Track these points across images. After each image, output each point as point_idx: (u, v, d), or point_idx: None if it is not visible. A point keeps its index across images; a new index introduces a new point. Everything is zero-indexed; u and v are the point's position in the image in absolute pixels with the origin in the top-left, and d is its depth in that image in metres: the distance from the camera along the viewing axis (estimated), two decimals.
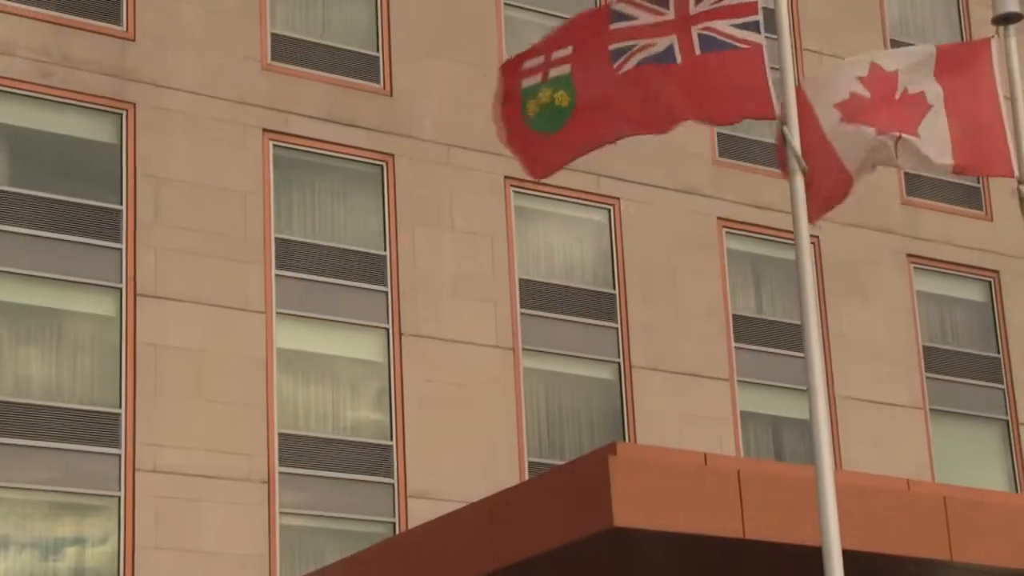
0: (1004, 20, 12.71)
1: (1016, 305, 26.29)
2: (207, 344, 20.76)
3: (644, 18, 11.60)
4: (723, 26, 11.45)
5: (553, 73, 11.77)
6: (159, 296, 20.67)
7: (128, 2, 21.49)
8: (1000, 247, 26.45)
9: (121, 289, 20.58)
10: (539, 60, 11.86)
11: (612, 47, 11.59)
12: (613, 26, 11.60)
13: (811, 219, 11.51)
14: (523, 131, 12.05)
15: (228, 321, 20.95)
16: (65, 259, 20.38)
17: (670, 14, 11.53)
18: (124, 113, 21.10)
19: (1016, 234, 13.49)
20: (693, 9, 11.51)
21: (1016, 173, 12.17)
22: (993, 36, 12.47)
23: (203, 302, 20.89)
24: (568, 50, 11.72)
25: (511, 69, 12.22)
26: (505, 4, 23.98)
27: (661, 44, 11.52)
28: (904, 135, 11.76)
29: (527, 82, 11.87)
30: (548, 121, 11.87)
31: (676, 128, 11.62)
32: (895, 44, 26.97)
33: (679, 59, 11.46)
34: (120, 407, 20.18)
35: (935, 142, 11.85)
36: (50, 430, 19.84)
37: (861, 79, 11.89)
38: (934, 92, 11.86)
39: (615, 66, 11.56)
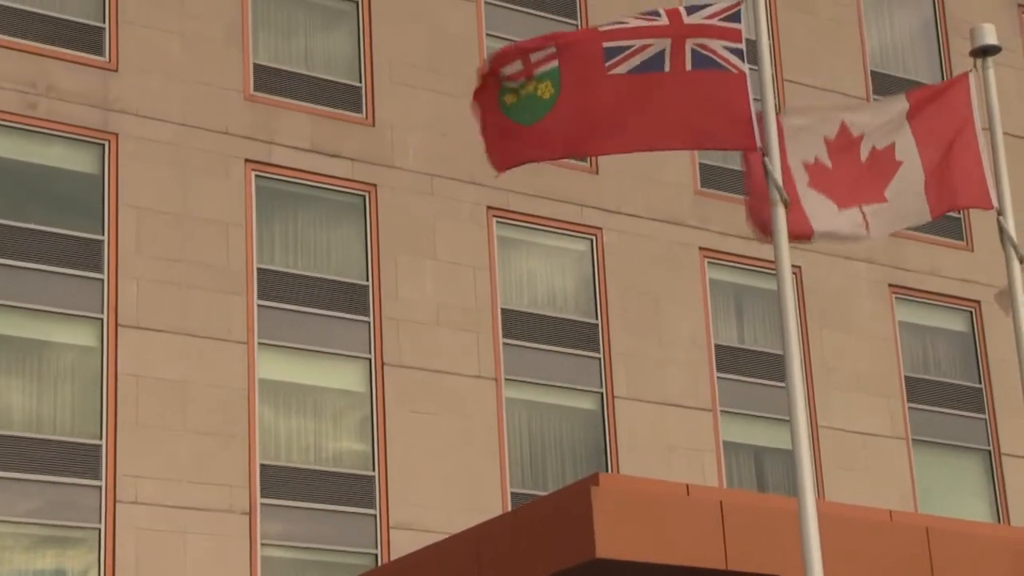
0: (982, 52, 12.81)
1: (998, 335, 26.38)
2: (189, 375, 20.76)
3: (636, 22, 11.59)
4: (715, 45, 11.47)
5: (539, 70, 11.51)
6: (141, 327, 20.67)
7: (111, 33, 21.55)
8: (981, 277, 26.56)
9: (102, 320, 20.58)
10: (517, 66, 11.61)
11: (607, 44, 11.51)
12: (604, 28, 11.55)
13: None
14: (497, 119, 11.81)
15: (210, 352, 20.96)
16: (47, 290, 20.38)
17: (663, 20, 11.53)
18: (107, 144, 21.14)
19: (997, 264, 13.56)
20: (686, 20, 11.51)
21: (995, 204, 12.26)
22: (971, 69, 12.57)
23: (185, 333, 20.89)
24: (551, 49, 11.51)
25: (493, 63, 11.90)
26: (488, 34, 24.08)
27: (656, 47, 11.47)
28: (867, 205, 11.81)
29: (509, 84, 11.61)
30: (525, 112, 11.58)
31: (658, 153, 11.63)
32: (875, 75, 27.12)
33: (667, 68, 11.43)
34: (101, 438, 20.16)
35: (908, 198, 11.92)
36: (31, 462, 19.81)
37: (827, 142, 11.94)
38: (905, 144, 11.92)
39: (607, 64, 11.47)
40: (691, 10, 11.51)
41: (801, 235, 11.80)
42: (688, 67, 11.30)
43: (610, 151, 11.71)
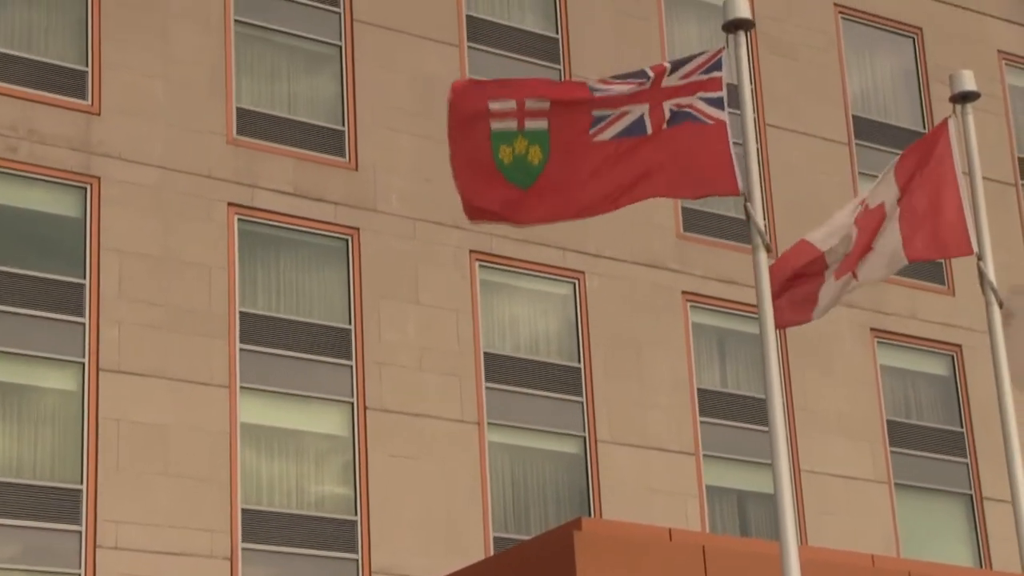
0: (962, 98, 12.93)
1: (979, 379, 26.45)
2: (170, 419, 20.73)
3: (620, 88, 11.73)
4: (694, 100, 11.60)
5: (530, 125, 11.63)
6: (122, 371, 20.64)
7: (94, 77, 21.59)
8: (962, 321, 26.65)
9: (84, 364, 20.55)
10: (511, 104, 11.67)
11: (596, 112, 11.66)
12: (595, 93, 11.68)
13: (778, 324, 11.73)
14: (490, 173, 11.86)
15: (192, 396, 20.93)
16: (28, 334, 20.35)
17: (647, 84, 11.67)
18: (89, 187, 21.16)
19: (978, 309, 13.64)
20: (665, 82, 11.66)
21: (975, 249, 12.35)
22: (951, 116, 12.68)
23: (167, 376, 20.86)
24: (545, 104, 11.62)
25: (475, 92, 11.91)
26: (471, 78, 24.14)
27: (635, 113, 11.64)
28: (858, 263, 12.06)
29: (499, 124, 11.60)
30: (521, 175, 11.72)
31: (641, 202, 11.72)
32: (856, 120, 27.26)
33: (649, 131, 11.58)
34: (82, 483, 20.10)
35: (889, 247, 12.10)
36: (11, 507, 19.74)
37: (856, 223, 12.22)
38: (892, 199, 12.12)
39: (591, 132, 11.62)
40: (676, 65, 11.64)
41: (801, 321, 12.06)
42: (666, 126, 11.47)
43: (595, 213, 11.84)
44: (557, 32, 25.04)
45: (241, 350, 21.49)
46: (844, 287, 12.18)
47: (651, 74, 11.64)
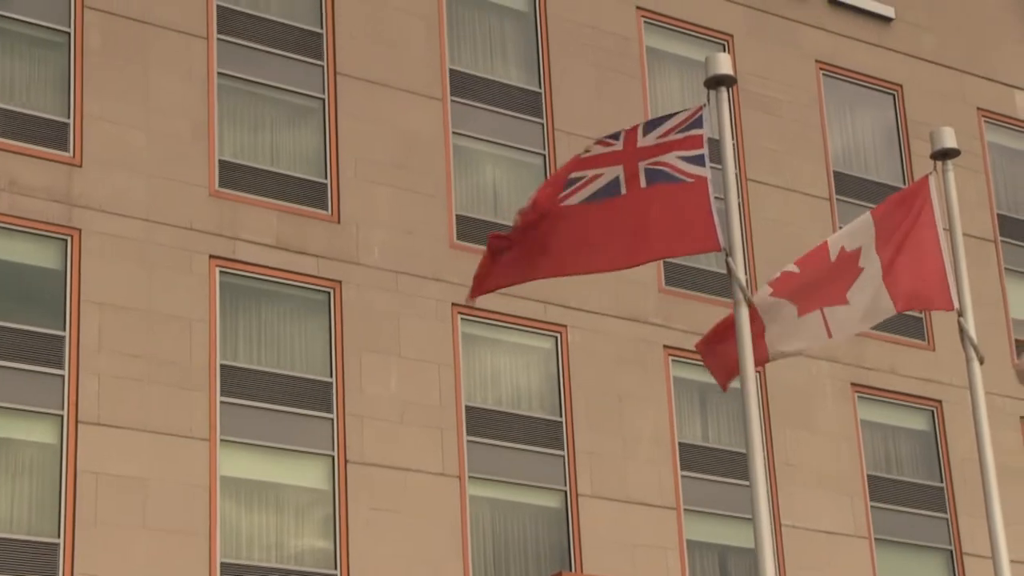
0: (942, 155, 13.00)
1: (959, 435, 26.46)
2: (150, 472, 20.62)
3: (596, 150, 11.79)
4: (670, 158, 11.64)
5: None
6: (102, 423, 20.56)
7: (75, 128, 21.59)
8: (943, 377, 26.68)
9: (62, 416, 20.46)
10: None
11: (571, 175, 11.75)
12: (583, 156, 11.80)
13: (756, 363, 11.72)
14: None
15: (171, 448, 20.83)
16: (6, 386, 20.26)
17: (618, 145, 11.72)
18: (69, 239, 21.13)
19: (958, 364, 13.67)
20: (641, 142, 11.70)
21: (956, 305, 12.38)
22: (931, 172, 12.75)
23: (146, 429, 20.77)
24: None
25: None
26: (453, 132, 24.23)
27: (608, 175, 11.69)
28: (828, 307, 12.00)
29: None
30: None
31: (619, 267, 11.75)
32: (838, 176, 27.38)
33: (624, 191, 11.60)
34: (59, 536, 19.98)
35: (869, 299, 12.09)
36: None
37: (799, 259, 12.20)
38: (869, 253, 12.12)
39: (560, 196, 11.69)
40: (651, 126, 11.70)
41: (758, 361, 11.97)
42: (643, 184, 11.50)
43: (569, 273, 11.89)
44: (540, 86, 25.13)
45: (222, 403, 21.42)
46: (815, 336, 12.09)
47: (623, 137, 11.70)
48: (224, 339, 21.73)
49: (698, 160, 11.64)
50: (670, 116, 11.85)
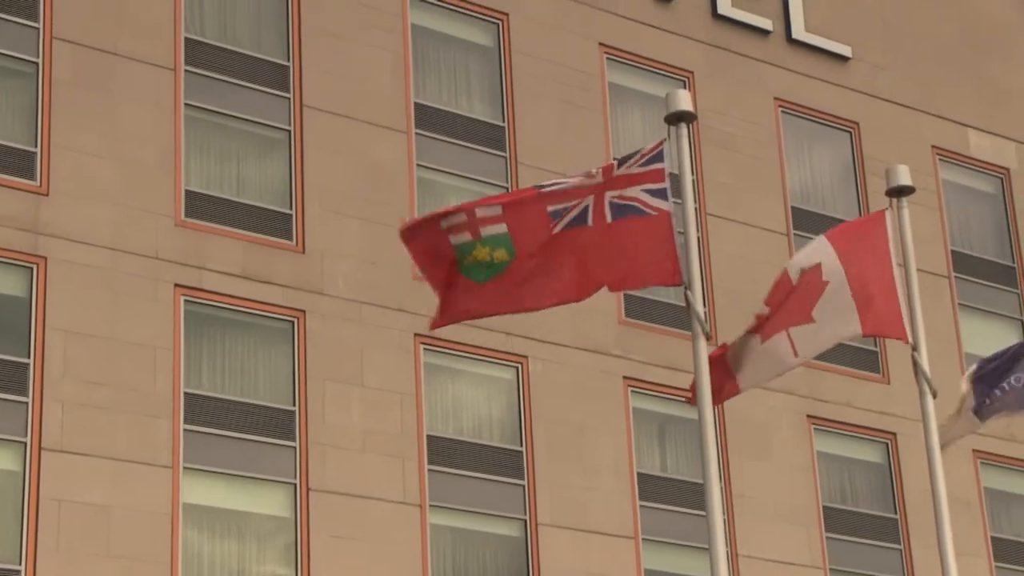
0: (898, 192, 13.10)
1: (912, 467, 26.56)
2: (113, 499, 20.50)
3: (571, 181, 11.83)
4: (634, 191, 11.69)
5: (486, 231, 11.71)
6: (65, 451, 20.44)
7: (43, 157, 21.52)
8: (897, 410, 26.79)
9: (26, 443, 20.33)
10: (461, 218, 11.69)
11: (551, 208, 11.75)
12: (546, 190, 11.76)
13: (715, 400, 11.76)
14: (451, 274, 11.90)
15: (134, 476, 20.73)
16: None
17: (598, 177, 11.77)
18: (35, 267, 21.04)
19: (912, 397, 13.74)
20: (613, 173, 11.77)
21: (910, 339, 12.45)
22: (887, 208, 12.83)
23: (110, 456, 20.67)
24: (497, 210, 11.69)
25: (422, 222, 11.94)
26: (417, 164, 24.26)
27: (582, 204, 11.75)
28: (794, 327, 12.03)
29: (457, 239, 11.66)
30: (479, 272, 11.83)
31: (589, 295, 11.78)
32: (796, 211, 27.50)
33: (590, 222, 11.66)
34: (20, 564, 19.83)
35: (836, 315, 12.12)
36: None
37: (766, 299, 12.26)
38: (833, 267, 12.15)
39: (551, 225, 11.73)
40: (621, 162, 11.78)
41: (729, 395, 12.03)
42: (608, 219, 11.55)
43: (545, 306, 11.91)
44: (503, 120, 25.19)
45: (185, 430, 21.33)
46: (781, 361, 12.12)
47: (597, 171, 11.76)
48: (188, 367, 21.66)
49: (661, 194, 11.71)
50: (637, 152, 11.92)
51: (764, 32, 27.94)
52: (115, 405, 20.83)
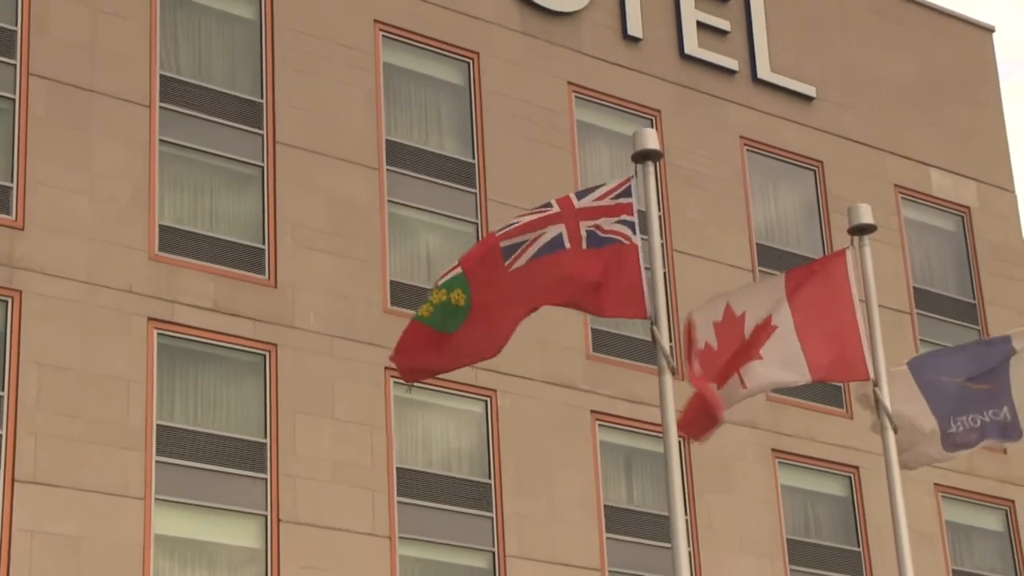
0: (859, 231, 13.18)
1: (875, 500, 26.63)
2: (85, 530, 20.41)
3: (528, 219, 11.89)
4: (607, 223, 11.78)
5: (443, 280, 11.83)
6: (38, 482, 20.35)
7: (19, 193, 21.49)
8: (860, 444, 26.87)
9: None
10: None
11: (503, 244, 11.81)
12: (499, 232, 11.85)
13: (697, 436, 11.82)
14: (416, 331, 11.90)
15: (106, 507, 20.65)
16: None
17: (555, 209, 11.84)
18: (10, 300, 20.98)
19: (874, 432, 13.80)
20: (577, 204, 11.83)
21: (871, 375, 12.52)
22: (849, 246, 12.91)
23: (82, 488, 20.59)
24: (455, 261, 11.85)
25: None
26: (388, 200, 24.29)
27: (550, 232, 11.78)
28: (743, 367, 12.12)
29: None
30: (446, 320, 11.82)
31: (552, 318, 11.84)
32: (761, 248, 27.62)
33: (568, 245, 11.72)
34: None
35: (782, 359, 12.20)
36: None
37: (715, 325, 12.30)
38: (782, 315, 12.24)
39: (507, 263, 11.76)
40: (581, 195, 11.85)
41: (706, 432, 12.09)
42: (584, 246, 11.62)
43: (518, 320, 11.94)
44: (473, 157, 25.26)
45: (157, 462, 21.27)
46: (729, 392, 12.23)
47: (556, 203, 11.82)
48: (161, 400, 21.61)
49: (629, 226, 11.80)
50: (599, 186, 11.99)
51: (730, 72, 28.10)
52: (88, 437, 20.76)
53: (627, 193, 11.90)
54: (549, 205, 11.90)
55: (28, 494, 20.19)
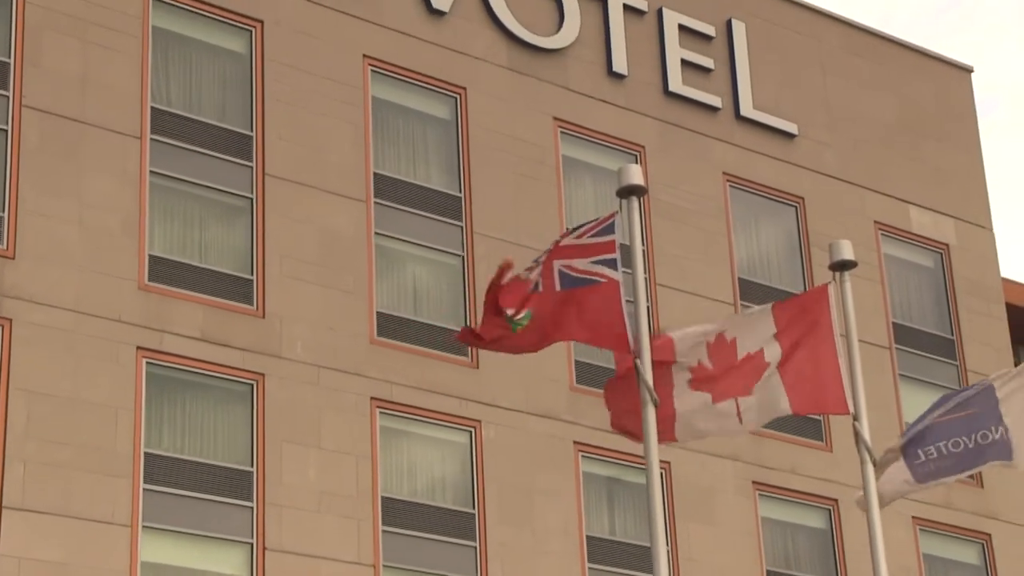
0: (840, 267, 13.22)
1: (854, 532, 26.62)
2: (72, 557, 20.33)
3: (523, 259, 12.10)
4: (582, 264, 11.82)
5: (523, 311, 12.07)
6: (25, 508, 20.29)
7: (9, 222, 21.48)
8: (839, 477, 26.88)
9: None
10: (515, 296, 12.12)
11: (525, 277, 12.09)
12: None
13: (660, 439, 11.83)
14: (498, 325, 12.22)
15: (93, 534, 20.58)
16: None
17: (549, 248, 11.95)
18: (1, 329, 20.93)
19: (855, 465, 13.83)
20: (561, 243, 11.91)
21: (851, 410, 12.55)
22: (830, 282, 12.95)
23: (69, 515, 20.52)
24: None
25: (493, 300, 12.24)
26: (376, 233, 24.31)
27: (535, 272, 11.93)
28: (739, 398, 12.20)
29: (510, 311, 12.13)
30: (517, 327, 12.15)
31: (535, 354, 11.94)
32: (743, 283, 27.67)
33: (540, 288, 11.83)
34: None
35: (770, 395, 12.28)
36: None
37: (708, 345, 12.37)
38: (772, 351, 12.32)
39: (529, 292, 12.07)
40: (568, 233, 11.97)
41: (666, 439, 12.09)
42: (557, 287, 11.70)
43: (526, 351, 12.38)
44: (460, 191, 25.30)
45: (144, 490, 21.22)
46: (728, 423, 12.24)
47: (550, 246, 12.00)
48: (149, 428, 21.56)
49: (611, 264, 11.84)
50: (587, 223, 12.07)
51: (713, 109, 28.20)
52: (76, 464, 20.70)
53: (610, 229, 11.95)
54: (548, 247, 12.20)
55: (16, 521, 20.12)
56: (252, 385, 22.51)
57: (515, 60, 26.35)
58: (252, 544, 21.74)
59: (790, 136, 29.03)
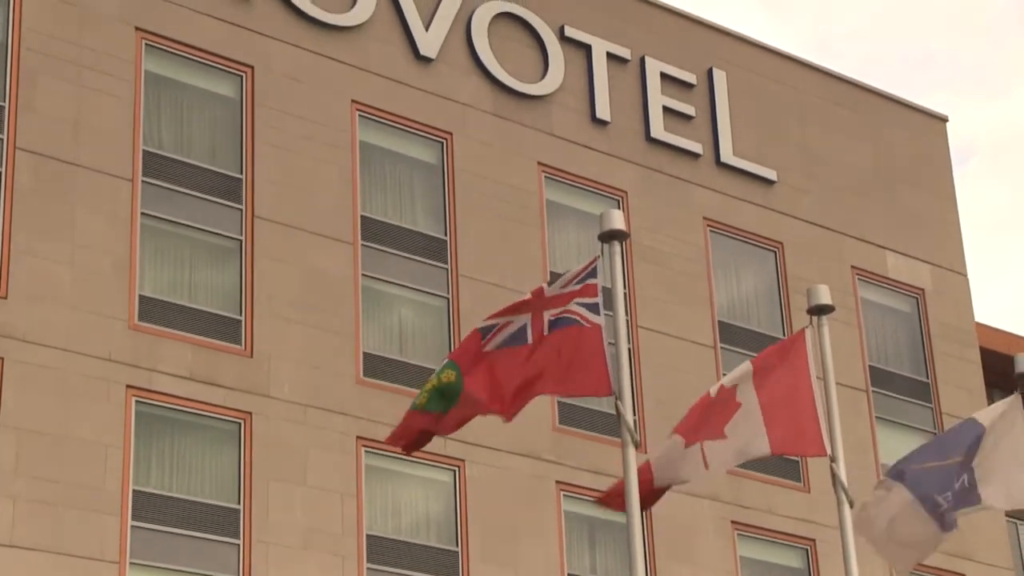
0: (818, 311, 13.27)
1: (831, 572, 26.61)
2: None
3: (507, 301, 12.05)
4: (571, 306, 11.87)
5: (436, 370, 12.00)
6: (15, 545, 20.20)
7: (3, 262, 21.47)
8: (816, 517, 26.88)
9: None
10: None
11: (481, 325, 11.99)
12: (485, 319, 12.05)
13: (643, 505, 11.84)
14: (409, 419, 12.10)
15: (82, 571, 20.48)
16: None
17: (527, 295, 11.96)
18: None
19: (831, 505, 13.85)
20: (548, 292, 11.94)
21: (828, 452, 12.57)
22: (808, 326, 12.99)
23: (58, 552, 20.43)
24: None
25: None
26: (363, 275, 24.33)
27: (517, 323, 11.91)
28: (707, 441, 12.20)
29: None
30: (441, 400, 11.99)
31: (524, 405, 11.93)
32: (723, 326, 27.71)
33: (530, 340, 11.82)
34: None
35: (746, 436, 12.28)
36: None
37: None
38: (746, 392, 12.33)
39: (483, 342, 11.93)
40: (552, 284, 12.01)
41: (647, 497, 12.12)
42: (546, 332, 11.74)
43: (490, 413, 12.11)
44: (446, 234, 25.35)
45: (133, 527, 21.14)
46: (694, 469, 12.27)
47: (530, 293, 12.00)
48: (138, 465, 21.50)
49: (593, 308, 11.89)
50: (567, 273, 12.15)
51: (694, 155, 28.31)
52: (65, 501, 20.63)
53: (593, 274, 12.00)
54: (525, 294, 12.12)
55: (5, 558, 20.03)
56: (240, 424, 22.48)
57: (500, 106, 26.44)
58: None
59: (769, 182, 29.13)
